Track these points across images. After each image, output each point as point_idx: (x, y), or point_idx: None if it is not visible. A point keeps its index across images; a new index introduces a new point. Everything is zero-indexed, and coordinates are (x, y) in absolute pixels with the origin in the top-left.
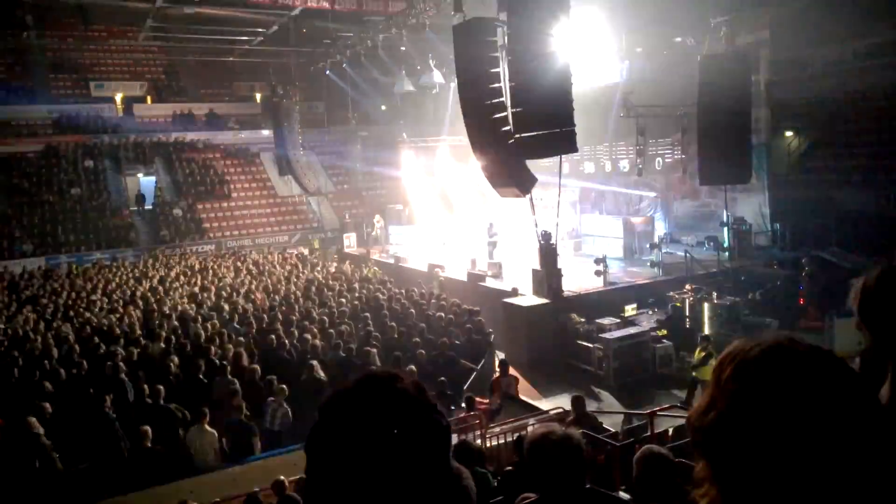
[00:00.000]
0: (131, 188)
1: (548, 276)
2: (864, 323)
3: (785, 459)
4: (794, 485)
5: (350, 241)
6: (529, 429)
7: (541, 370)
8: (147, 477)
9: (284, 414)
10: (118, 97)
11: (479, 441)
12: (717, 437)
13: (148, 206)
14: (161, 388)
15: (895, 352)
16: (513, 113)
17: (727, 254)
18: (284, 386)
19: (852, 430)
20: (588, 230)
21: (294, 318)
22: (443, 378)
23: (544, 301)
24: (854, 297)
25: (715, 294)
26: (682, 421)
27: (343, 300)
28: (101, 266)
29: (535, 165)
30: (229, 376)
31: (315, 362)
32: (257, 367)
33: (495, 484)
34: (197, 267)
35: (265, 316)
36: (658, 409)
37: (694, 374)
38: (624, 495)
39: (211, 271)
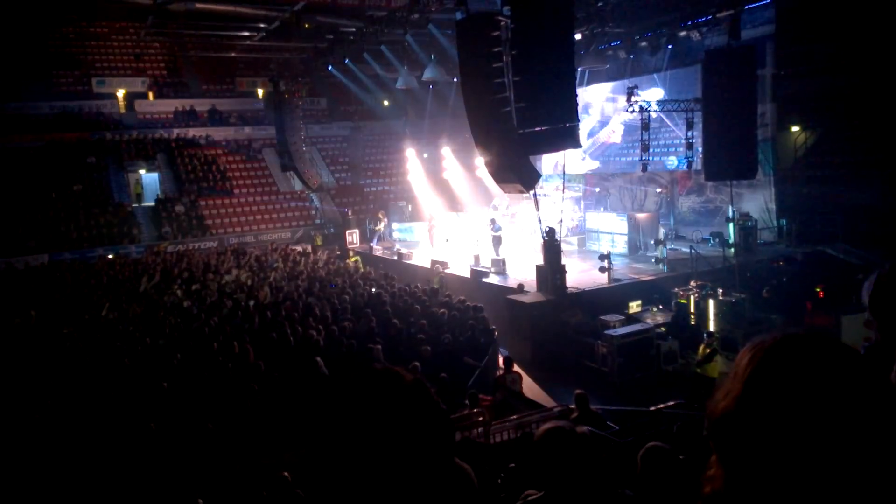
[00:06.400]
0: (134, 184)
1: (552, 272)
2: (874, 316)
3: (793, 444)
4: (799, 468)
5: (353, 238)
6: (533, 426)
7: (545, 367)
8: (154, 474)
9: None
10: (120, 93)
11: (482, 438)
12: (729, 421)
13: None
14: (165, 384)
15: None
16: (516, 108)
17: (732, 250)
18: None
19: (862, 419)
20: (592, 226)
21: (297, 314)
22: (443, 374)
23: (548, 297)
24: (866, 291)
25: (720, 290)
26: (687, 418)
27: (346, 296)
28: (103, 262)
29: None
30: (231, 373)
31: (318, 358)
32: (261, 363)
33: (499, 481)
34: (200, 263)
35: (268, 312)
36: (662, 405)
37: (698, 370)
38: (628, 492)
39: (213, 267)
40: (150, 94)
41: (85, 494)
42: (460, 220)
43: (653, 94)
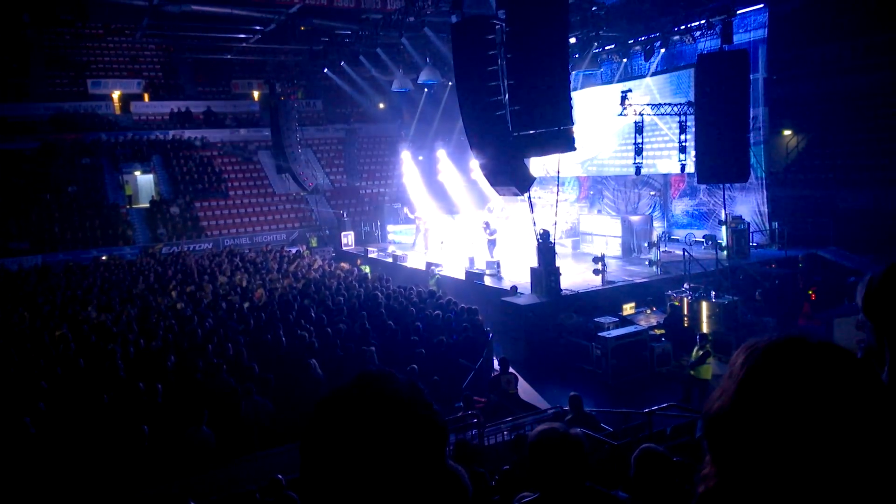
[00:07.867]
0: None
1: (546, 274)
2: (868, 317)
3: (786, 444)
4: (792, 468)
5: (348, 239)
6: (527, 428)
7: (539, 369)
8: (147, 476)
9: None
10: (115, 95)
11: (476, 440)
12: (723, 421)
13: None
14: (159, 386)
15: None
16: (511, 111)
17: (725, 252)
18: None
19: (854, 420)
20: (586, 228)
21: (291, 316)
22: (436, 377)
23: (542, 299)
24: (860, 293)
25: (713, 293)
26: (680, 420)
27: (341, 298)
28: (98, 264)
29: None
30: (225, 375)
31: (313, 361)
32: (254, 365)
33: (493, 483)
34: (194, 265)
35: (263, 314)
36: (656, 407)
37: (691, 372)
38: (622, 494)
39: (208, 269)
40: (146, 96)
41: (78, 496)
42: (455, 222)
43: (646, 98)
